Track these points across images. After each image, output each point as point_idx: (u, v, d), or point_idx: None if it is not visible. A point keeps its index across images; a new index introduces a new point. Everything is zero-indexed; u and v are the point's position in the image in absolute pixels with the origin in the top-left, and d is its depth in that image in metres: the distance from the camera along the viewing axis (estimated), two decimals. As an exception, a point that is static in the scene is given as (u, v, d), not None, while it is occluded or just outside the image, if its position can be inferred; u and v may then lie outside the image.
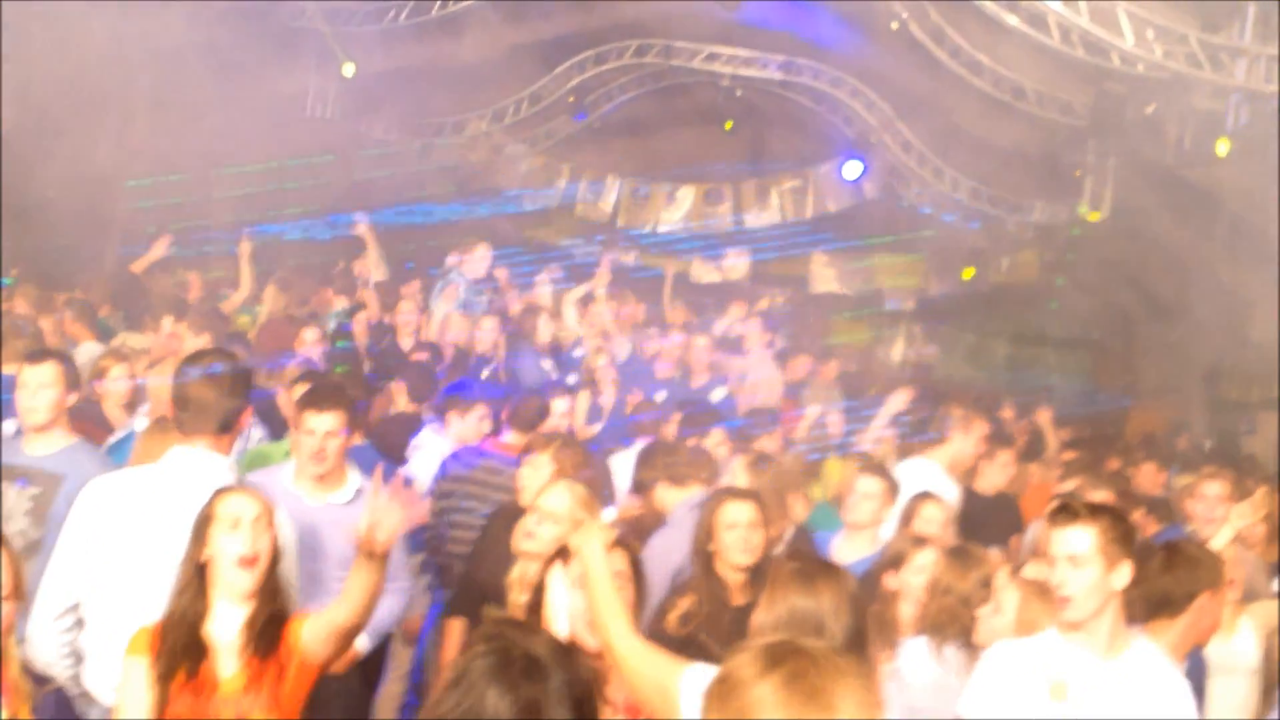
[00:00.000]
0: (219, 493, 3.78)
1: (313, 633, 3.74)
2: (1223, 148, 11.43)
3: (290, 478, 5.02)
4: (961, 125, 15.38)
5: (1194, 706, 3.61)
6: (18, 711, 3.05)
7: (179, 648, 3.60)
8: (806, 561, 3.40)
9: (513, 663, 2.44)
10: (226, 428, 4.27)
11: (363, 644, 4.93)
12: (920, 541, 5.09)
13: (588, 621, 3.46)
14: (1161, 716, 3.53)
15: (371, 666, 5.55)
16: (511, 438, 6.66)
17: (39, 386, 4.93)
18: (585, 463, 5.40)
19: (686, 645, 4.00)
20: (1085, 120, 13.30)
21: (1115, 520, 3.62)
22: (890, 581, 5.00)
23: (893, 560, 5.03)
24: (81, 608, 4.07)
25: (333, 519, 4.88)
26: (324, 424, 4.93)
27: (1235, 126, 11.42)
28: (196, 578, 3.69)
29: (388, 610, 5.13)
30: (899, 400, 8.40)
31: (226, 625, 3.69)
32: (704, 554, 4.49)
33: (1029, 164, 15.28)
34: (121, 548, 4.03)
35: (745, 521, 4.46)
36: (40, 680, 3.21)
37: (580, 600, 3.48)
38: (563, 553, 3.62)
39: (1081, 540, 3.56)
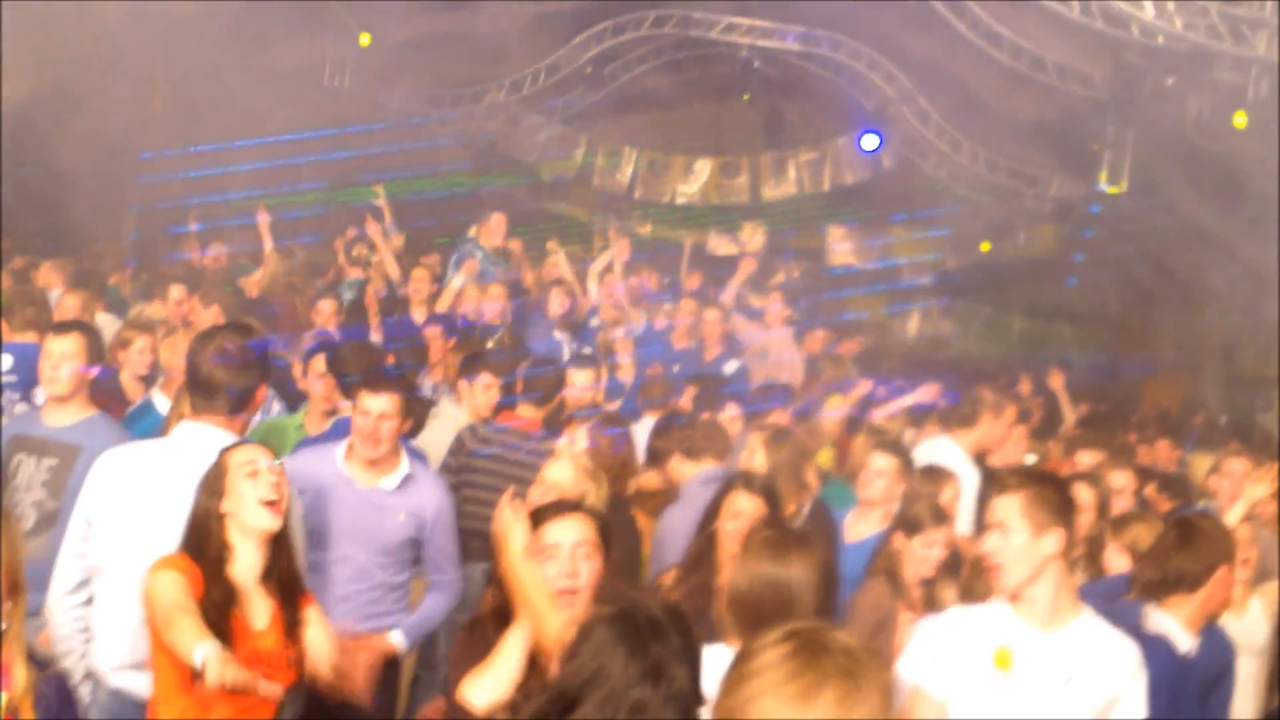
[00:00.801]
0: (226, 450, 3.78)
1: (310, 645, 3.79)
2: (1241, 120, 11.35)
3: (341, 458, 4.93)
4: (980, 98, 15.31)
5: (1143, 684, 3.62)
6: (19, 705, 3.02)
7: (217, 591, 3.59)
8: (779, 531, 3.44)
9: (639, 626, 2.48)
10: (239, 407, 4.17)
11: (400, 643, 4.91)
12: (941, 517, 5.09)
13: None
14: (1103, 689, 3.55)
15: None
16: (527, 411, 6.60)
17: (62, 357, 4.92)
18: (620, 443, 5.37)
19: None
20: (1104, 93, 13.24)
21: (1043, 488, 3.66)
22: (897, 542, 5.02)
23: (909, 524, 5.04)
24: (92, 582, 4.03)
25: (377, 504, 4.87)
26: (378, 405, 4.82)
27: (1255, 99, 11.34)
28: (217, 528, 3.68)
29: (435, 604, 5.09)
30: (925, 394, 8.37)
31: (248, 570, 3.71)
32: (708, 532, 4.50)
33: (1047, 137, 15.20)
34: (129, 522, 3.99)
35: (749, 514, 4.46)
36: (41, 664, 3.18)
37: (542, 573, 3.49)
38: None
39: (1007, 508, 3.61)
